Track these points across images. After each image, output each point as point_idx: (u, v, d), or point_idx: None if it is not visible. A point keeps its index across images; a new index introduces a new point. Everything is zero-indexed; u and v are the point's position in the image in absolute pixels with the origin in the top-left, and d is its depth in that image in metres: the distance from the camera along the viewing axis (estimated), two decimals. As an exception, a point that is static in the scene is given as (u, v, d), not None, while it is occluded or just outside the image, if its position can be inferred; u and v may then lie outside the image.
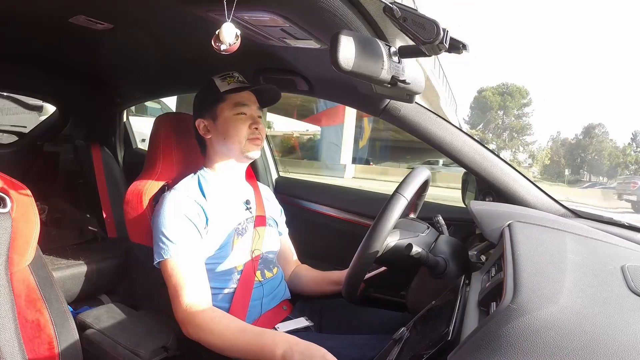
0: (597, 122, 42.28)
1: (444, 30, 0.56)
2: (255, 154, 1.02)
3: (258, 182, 1.16)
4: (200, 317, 0.83)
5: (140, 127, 2.55)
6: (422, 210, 1.05)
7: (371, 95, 0.99)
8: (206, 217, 0.94)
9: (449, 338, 0.51)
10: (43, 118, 2.26)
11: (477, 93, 42.79)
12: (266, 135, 1.26)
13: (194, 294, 0.86)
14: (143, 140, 2.18)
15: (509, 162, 1.09)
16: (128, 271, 1.38)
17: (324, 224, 1.47)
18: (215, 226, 0.95)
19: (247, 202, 1.06)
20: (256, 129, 0.99)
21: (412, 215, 1.05)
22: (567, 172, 38.01)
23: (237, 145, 0.99)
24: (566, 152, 40.85)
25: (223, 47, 0.59)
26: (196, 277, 0.88)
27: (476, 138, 1.10)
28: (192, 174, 1.02)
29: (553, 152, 41.68)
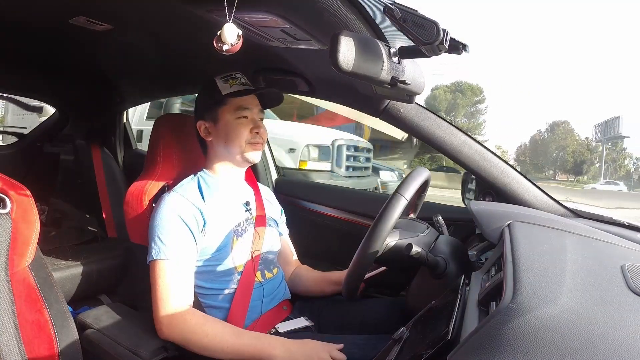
0: (563, 120, 41.58)
1: (444, 30, 0.56)
2: (256, 158, 1.01)
3: (258, 183, 1.16)
4: (191, 320, 0.84)
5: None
6: (422, 210, 1.05)
7: (371, 96, 1.00)
8: (204, 220, 0.94)
9: (449, 338, 0.51)
10: (43, 119, 2.27)
11: (429, 91, 39.54)
12: None
13: (181, 297, 0.86)
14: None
15: (509, 162, 1.09)
16: (128, 271, 1.38)
17: (324, 224, 1.47)
18: (213, 228, 0.94)
19: (247, 204, 1.06)
20: (257, 133, 0.99)
21: (412, 215, 1.05)
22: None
23: (238, 149, 0.99)
24: (531, 150, 40.35)
25: (225, 47, 0.59)
26: (184, 280, 0.88)
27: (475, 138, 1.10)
28: (192, 176, 1.02)
29: (520, 152, 41.21)
